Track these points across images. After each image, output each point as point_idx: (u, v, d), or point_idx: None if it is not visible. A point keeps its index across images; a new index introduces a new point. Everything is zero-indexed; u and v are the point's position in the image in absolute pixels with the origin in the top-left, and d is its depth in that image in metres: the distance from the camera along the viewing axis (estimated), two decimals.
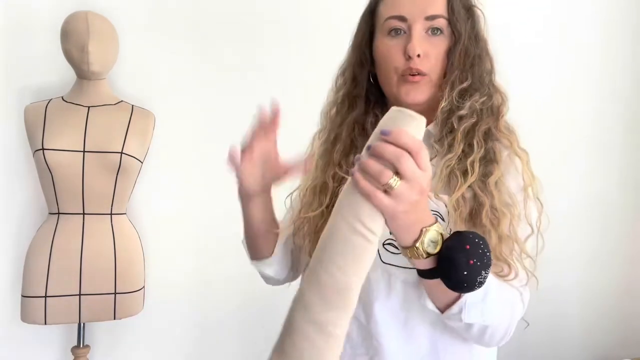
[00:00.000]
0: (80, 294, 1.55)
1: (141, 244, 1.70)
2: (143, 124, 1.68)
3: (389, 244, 0.80)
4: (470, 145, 0.80)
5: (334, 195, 0.85)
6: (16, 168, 1.75)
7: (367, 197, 0.60)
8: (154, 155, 1.76)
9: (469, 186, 0.78)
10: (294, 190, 0.98)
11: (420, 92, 0.84)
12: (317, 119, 1.01)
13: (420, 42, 0.83)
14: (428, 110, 0.84)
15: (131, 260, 1.63)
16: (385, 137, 0.59)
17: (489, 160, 0.80)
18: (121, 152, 1.57)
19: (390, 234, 0.78)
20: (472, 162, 0.78)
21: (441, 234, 0.64)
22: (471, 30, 0.86)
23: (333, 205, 0.82)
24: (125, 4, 1.79)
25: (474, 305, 0.71)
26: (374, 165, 0.59)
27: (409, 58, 0.83)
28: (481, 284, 0.63)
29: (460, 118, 0.82)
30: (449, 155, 0.80)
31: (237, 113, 1.95)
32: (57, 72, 1.73)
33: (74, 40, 1.53)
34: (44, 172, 1.55)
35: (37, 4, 1.73)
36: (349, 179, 0.62)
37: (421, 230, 0.63)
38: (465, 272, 0.61)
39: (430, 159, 0.81)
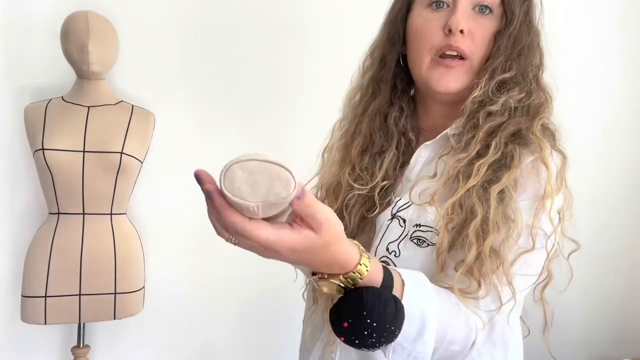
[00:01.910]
0: (80, 294, 1.55)
1: (141, 244, 1.70)
2: (143, 124, 1.68)
3: (383, 262, 0.74)
4: (487, 147, 0.71)
5: (346, 197, 0.80)
6: (16, 168, 1.75)
7: None
8: (154, 155, 1.76)
9: (468, 192, 0.69)
10: (312, 187, 0.91)
11: (455, 80, 0.74)
12: (317, 120, 0.99)
13: (466, 17, 0.73)
14: (457, 100, 0.77)
15: (131, 260, 1.63)
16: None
17: (502, 166, 0.70)
18: (121, 152, 1.57)
19: (387, 250, 0.75)
20: (480, 166, 0.69)
21: (341, 287, 0.58)
22: (525, 15, 0.75)
23: (344, 208, 0.79)
24: (125, 4, 1.79)
25: (401, 346, 0.62)
26: (215, 226, 0.55)
27: (449, 33, 0.73)
28: (371, 347, 0.57)
29: (489, 114, 0.72)
30: (461, 156, 0.72)
31: (237, 113, 1.96)
32: (57, 72, 1.73)
33: (74, 40, 1.53)
34: (44, 172, 1.55)
35: (37, 4, 1.73)
36: None
37: (321, 274, 0.58)
38: (343, 339, 0.58)
39: (442, 155, 0.76)
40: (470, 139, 0.73)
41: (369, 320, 0.55)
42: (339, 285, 0.58)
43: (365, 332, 0.55)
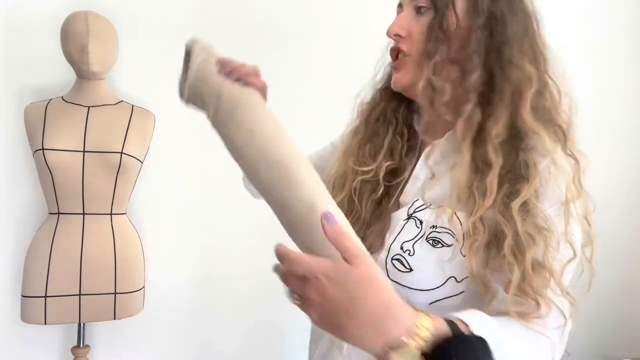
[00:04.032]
0: (80, 294, 1.55)
1: (141, 244, 1.70)
2: (143, 124, 1.68)
3: (396, 259, 0.75)
4: (485, 153, 0.70)
5: (353, 184, 0.82)
6: (16, 168, 1.75)
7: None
8: (154, 155, 1.76)
9: (490, 209, 0.68)
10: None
11: (402, 74, 0.79)
12: (317, 120, 0.99)
13: (403, 22, 0.79)
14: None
15: (131, 260, 1.63)
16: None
17: (517, 177, 0.69)
18: (121, 152, 1.57)
19: (402, 248, 0.75)
20: (491, 181, 0.68)
21: (420, 349, 0.50)
22: (462, 2, 0.75)
23: (351, 197, 0.82)
24: (125, 4, 1.79)
25: None
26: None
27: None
28: None
29: (458, 109, 0.73)
30: (457, 169, 0.72)
31: None
32: (57, 72, 1.73)
33: (74, 41, 1.53)
34: (44, 172, 1.55)
35: (37, 4, 1.73)
36: None
37: (389, 345, 0.51)
38: None
39: (450, 165, 0.76)
40: (461, 144, 0.73)
41: None
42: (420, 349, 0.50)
43: None
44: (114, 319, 1.60)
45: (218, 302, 1.98)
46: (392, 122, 0.85)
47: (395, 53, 0.80)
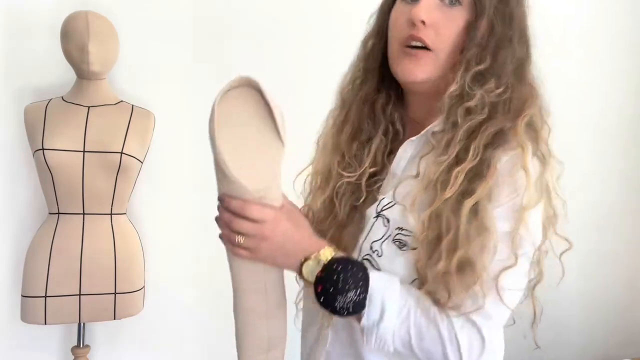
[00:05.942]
0: (80, 294, 1.55)
1: (141, 244, 1.70)
2: (143, 124, 1.68)
3: (366, 259, 0.76)
4: (466, 150, 0.70)
5: (336, 185, 0.81)
6: (16, 168, 1.75)
7: (236, 256, 0.72)
8: (154, 155, 1.76)
9: (445, 204, 0.68)
10: (305, 174, 0.92)
11: (420, 70, 0.74)
12: (318, 118, 0.99)
13: (430, 9, 0.72)
14: (434, 94, 0.76)
15: (131, 260, 1.63)
16: (219, 203, 0.70)
17: (477, 175, 0.69)
18: (121, 152, 1.57)
19: (371, 248, 0.77)
20: (457, 174, 0.69)
21: (320, 261, 0.69)
22: (501, 6, 0.73)
23: (335, 195, 0.82)
24: (125, 4, 1.79)
25: (369, 330, 0.69)
26: (224, 233, 0.71)
27: (412, 25, 0.73)
28: (343, 308, 0.67)
29: (467, 112, 0.71)
30: (441, 158, 0.71)
31: None
32: (57, 72, 1.73)
33: (74, 40, 1.53)
34: (43, 172, 1.55)
35: (37, 4, 1.73)
36: None
37: (302, 260, 0.70)
38: (322, 298, 0.67)
39: (424, 155, 0.76)
40: (450, 139, 0.72)
41: (340, 276, 0.67)
42: (320, 261, 0.69)
43: (339, 294, 0.66)
44: (114, 319, 1.60)
45: (218, 302, 1.98)
46: (381, 122, 0.82)
47: (414, 39, 0.73)
